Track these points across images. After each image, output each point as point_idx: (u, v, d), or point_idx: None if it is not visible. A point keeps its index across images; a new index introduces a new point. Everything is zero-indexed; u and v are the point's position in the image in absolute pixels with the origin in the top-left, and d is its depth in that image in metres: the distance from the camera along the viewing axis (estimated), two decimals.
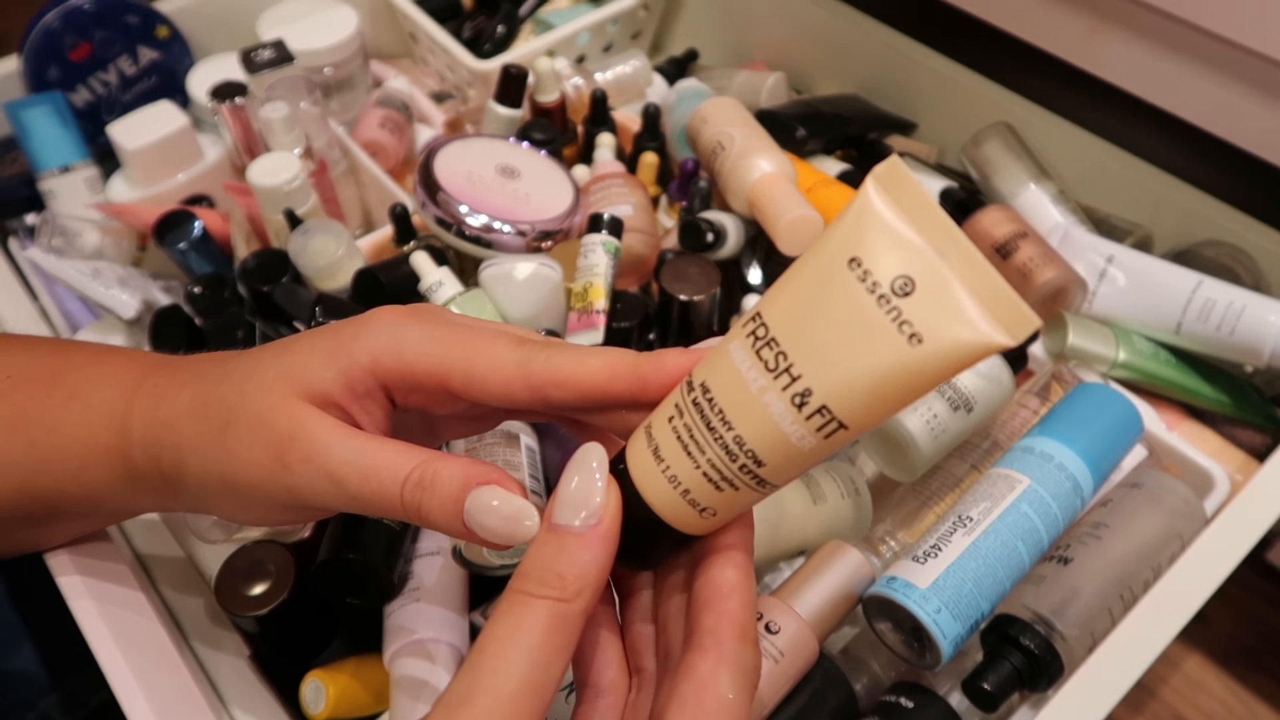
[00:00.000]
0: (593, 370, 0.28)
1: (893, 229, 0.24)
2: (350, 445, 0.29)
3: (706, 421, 0.25)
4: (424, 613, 0.47)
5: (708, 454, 0.25)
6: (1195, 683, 0.63)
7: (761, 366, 0.24)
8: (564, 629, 0.25)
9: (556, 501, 0.26)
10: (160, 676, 0.40)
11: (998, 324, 0.23)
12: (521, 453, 0.49)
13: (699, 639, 0.26)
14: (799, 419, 0.24)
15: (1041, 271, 0.62)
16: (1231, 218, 0.66)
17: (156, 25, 0.77)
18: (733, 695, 0.26)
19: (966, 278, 0.23)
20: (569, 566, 0.25)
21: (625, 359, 0.28)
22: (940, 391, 0.53)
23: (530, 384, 0.28)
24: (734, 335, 0.26)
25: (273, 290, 0.58)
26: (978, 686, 0.44)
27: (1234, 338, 0.59)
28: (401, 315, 0.30)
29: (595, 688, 0.29)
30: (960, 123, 0.75)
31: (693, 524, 0.27)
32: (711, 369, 0.26)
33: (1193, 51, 0.61)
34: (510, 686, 0.24)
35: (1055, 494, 0.48)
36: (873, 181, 0.24)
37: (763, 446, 0.25)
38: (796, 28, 0.86)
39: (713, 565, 0.28)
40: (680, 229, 0.63)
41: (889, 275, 0.23)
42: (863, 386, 0.23)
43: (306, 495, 0.29)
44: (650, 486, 0.27)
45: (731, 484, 0.25)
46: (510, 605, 0.25)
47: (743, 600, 0.27)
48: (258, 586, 0.46)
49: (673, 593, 0.29)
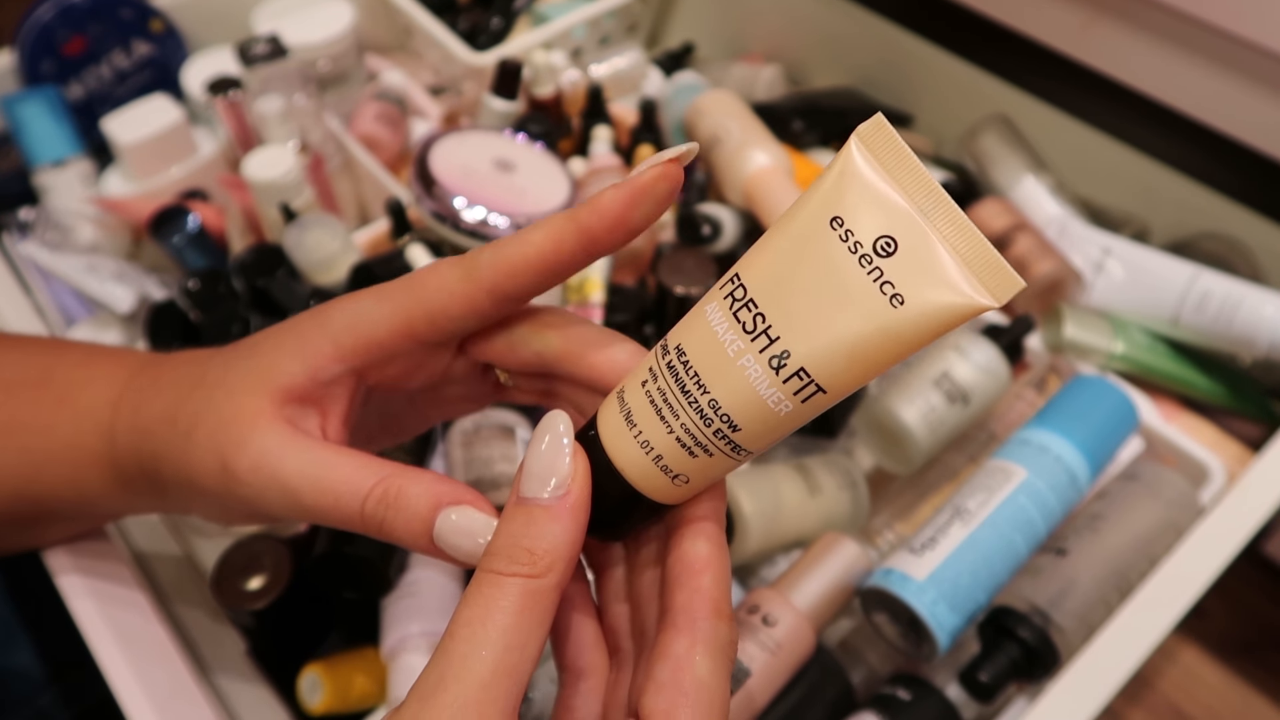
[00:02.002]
0: (536, 244, 0.27)
1: (876, 188, 0.23)
2: (305, 457, 0.28)
3: (681, 385, 0.25)
4: (421, 606, 0.47)
5: (682, 418, 0.25)
6: (1192, 675, 0.63)
7: (739, 328, 0.24)
8: (537, 606, 0.25)
9: (523, 473, 0.26)
10: (158, 671, 0.40)
11: (981, 285, 0.23)
12: (517, 446, 0.49)
13: (673, 618, 0.26)
14: (776, 382, 0.23)
15: (1038, 264, 0.62)
16: (1228, 210, 0.66)
17: (151, 19, 0.77)
18: (710, 674, 0.25)
19: (950, 238, 0.23)
20: (538, 541, 0.25)
21: (561, 219, 0.27)
22: (937, 384, 0.53)
23: (485, 288, 0.27)
24: (711, 296, 0.25)
25: (268, 285, 0.58)
26: (974, 678, 0.44)
27: (1231, 329, 0.59)
28: (358, 294, 0.30)
29: (575, 671, 0.28)
30: (957, 115, 0.75)
31: (665, 492, 0.26)
32: (687, 331, 0.25)
33: (1189, 43, 0.61)
34: (484, 671, 0.24)
35: (1052, 486, 0.48)
36: (856, 140, 0.24)
37: (739, 410, 0.24)
38: (793, 21, 0.86)
39: (684, 539, 0.27)
40: (677, 222, 0.63)
41: (871, 235, 0.23)
42: (842, 349, 0.23)
43: (258, 505, 0.29)
44: (622, 453, 0.26)
45: (706, 450, 0.25)
46: (480, 586, 0.25)
47: (715, 575, 0.26)
48: (254, 581, 0.46)
49: (646, 568, 0.29)
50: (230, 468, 0.29)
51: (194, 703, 0.40)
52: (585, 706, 0.28)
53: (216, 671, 0.45)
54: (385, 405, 0.33)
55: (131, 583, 0.43)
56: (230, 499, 0.29)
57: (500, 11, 0.85)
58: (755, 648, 0.44)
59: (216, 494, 0.30)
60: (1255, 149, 0.62)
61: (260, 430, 0.28)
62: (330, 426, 0.30)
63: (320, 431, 0.30)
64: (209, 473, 0.29)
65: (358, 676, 0.47)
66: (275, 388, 0.29)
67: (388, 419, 0.34)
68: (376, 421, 0.34)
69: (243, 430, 0.29)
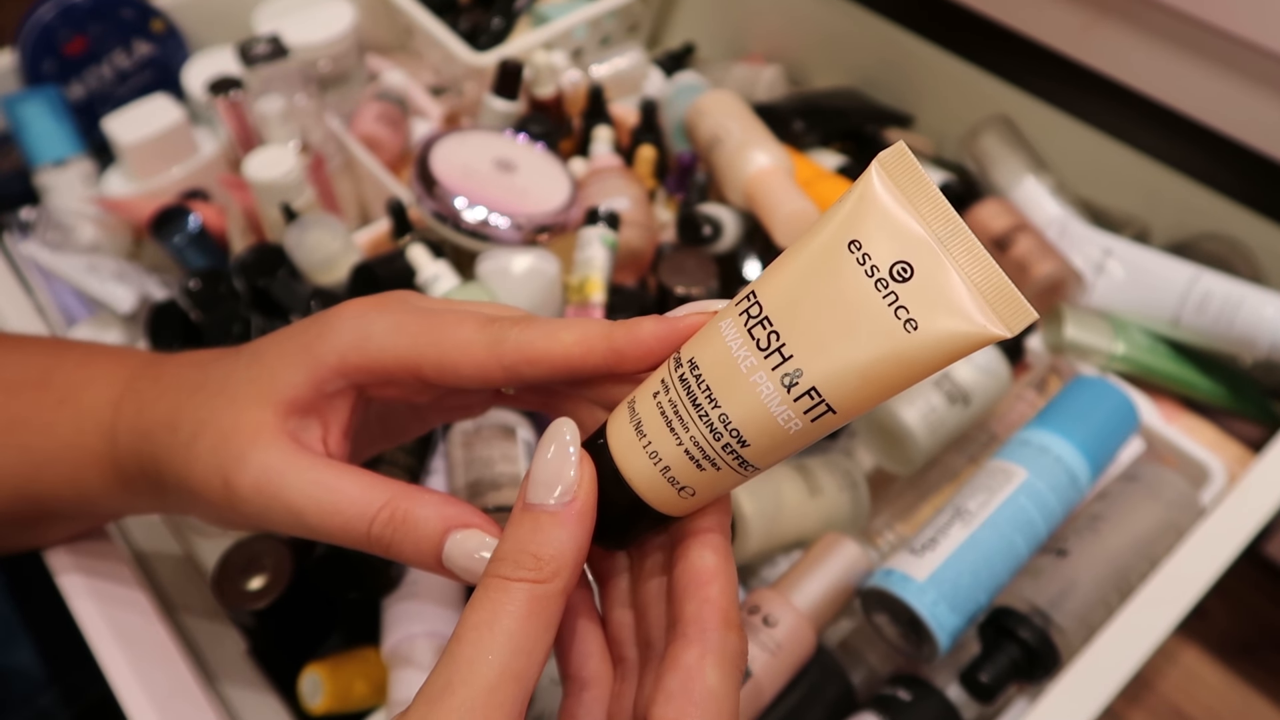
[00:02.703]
0: (565, 345, 0.27)
1: (894, 215, 0.23)
2: (309, 477, 0.28)
3: (693, 398, 0.25)
4: (422, 607, 0.47)
5: (691, 431, 0.25)
6: (1192, 676, 0.63)
7: (753, 345, 0.24)
8: (543, 612, 0.25)
9: (530, 480, 0.26)
10: (158, 671, 0.40)
11: (994, 315, 0.23)
12: (518, 446, 0.49)
13: (682, 628, 0.26)
14: (787, 400, 0.24)
15: (1039, 265, 0.62)
16: (1229, 211, 0.66)
17: (152, 19, 0.77)
18: (720, 684, 0.25)
19: (966, 268, 0.23)
20: (544, 546, 0.25)
21: (598, 330, 0.27)
22: (938, 384, 0.53)
23: (503, 364, 0.28)
24: (726, 313, 0.25)
25: (269, 285, 0.58)
26: (975, 678, 0.44)
27: (1232, 330, 0.59)
28: (366, 308, 0.30)
29: (579, 680, 0.29)
30: (958, 116, 0.75)
31: (671, 504, 0.26)
32: (701, 345, 0.25)
33: (1190, 44, 0.61)
34: (491, 675, 0.24)
35: (1052, 486, 0.48)
36: (878, 166, 0.24)
37: (748, 426, 0.24)
38: (794, 21, 0.86)
39: (691, 550, 0.27)
40: (678, 223, 0.63)
41: (888, 260, 0.23)
42: (855, 371, 0.23)
43: (260, 522, 0.29)
44: (630, 462, 0.26)
45: (714, 464, 0.25)
46: (487, 591, 0.25)
47: (724, 586, 0.26)
48: (255, 581, 0.46)
49: (650, 577, 0.29)
50: (232, 485, 0.29)
51: (194, 703, 0.40)
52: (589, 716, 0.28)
53: (217, 671, 0.45)
54: (386, 411, 0.33)
55: (132, 582, 0.43)
56: (232, 514, 0.29)
57: (501, 12, 0.85)
58: (756, 648, 0.44)
59: (218, 507, 0.30)
60: (1256, 150, 0.62)
61: (262, 446, 0.28)
62: (331, 438, 0.30)
63: (322, 443, 0.30)
64: (211, 487, 0.29)
65: (358, 677, 0.47)
66: (278, 400, 0.29)
67: (389, 424, 0.34)
68: (378, 426, 0.34)
69: (244, 446, 0.29)
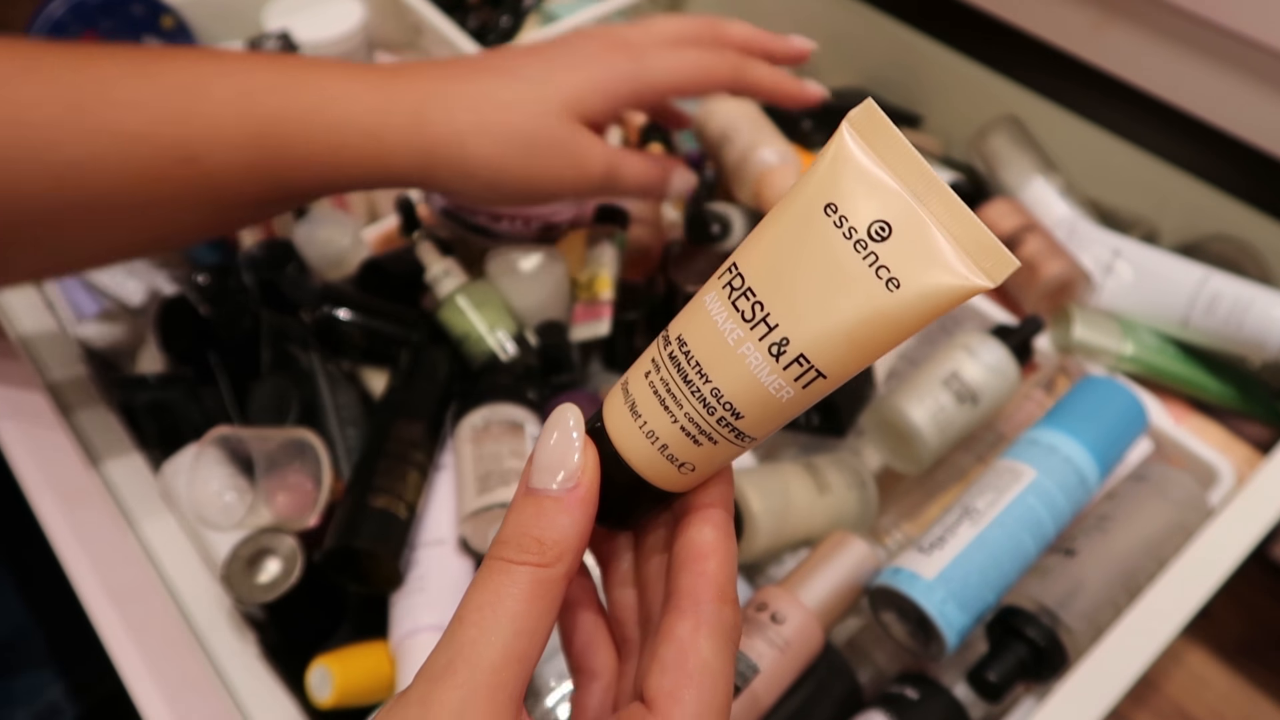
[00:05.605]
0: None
1: (869, 174, 0.23)
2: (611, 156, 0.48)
3: (683, 375, 0.25)
4: (429, 600, 0.47)
5: (685, 408, 0.25)
6: (1199, 678, 0.62)
7: (738, 317, 0.24)
8: (545, 595, 0.25)
9: (533, 465, 0.26)
10: (168, 663, 0.40)
11: (976, 267, 0.23)
12: (526, 441, 0.49)
13: (677, 601, 0.26)
14: (777, 369, 0.24)
15: (1048, 265, 0.62)
16: (1238, 212, 0.66)
17: (162, 15, 0.77)
18: (714, 657, 0.25)
19: (944, 221, 0.23)
20: (548, 531, 0.25)
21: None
22: (947, 384, 0.53)
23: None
24: (710, 286, 0.25)
25: (278, 280, 0.58)
26: (982, 677, 0.44)
27: (1241, 332, 0.59)
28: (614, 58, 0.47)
29: (588, 672, 0.29)
30: (966, 116, 0.75)
31: (672, 480, 0.26)
32: (688, 321, 0.25)
33: (1199, 45, 0.61)
34: (493, 655, 0.24)
35: (1061, 486, 0.48)
36: (848, 126, 0.24)
37: (741, 398, 0.24)
38: (801, 20, 0.86)
39: (690, 525, 0.27)
40: (686, 221, 0.63)
41: (865, 220, 0.23)
42: (841, 334, 0.23)
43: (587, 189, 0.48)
44: (628, 444, 0.26)
45: (710, 438, 0.25)
46: (490, 573, 0.25)
47: (721, 560, 0.27)
48: (265, 574, 0.46)
49: (652, 554, 0.29)
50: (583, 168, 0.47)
51: (204, 694, 0.40)
52: (599, 705, 0.28)
53: (226, 664, 0.46)
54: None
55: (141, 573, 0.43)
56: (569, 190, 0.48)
57: (510, 10, 0.85)
58: (764, 645, 0.44)
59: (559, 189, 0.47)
60: (1265, 151, 0.62)
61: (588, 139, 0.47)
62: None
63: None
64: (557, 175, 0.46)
65: (367, 669, 0.47)
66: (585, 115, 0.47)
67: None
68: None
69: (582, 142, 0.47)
